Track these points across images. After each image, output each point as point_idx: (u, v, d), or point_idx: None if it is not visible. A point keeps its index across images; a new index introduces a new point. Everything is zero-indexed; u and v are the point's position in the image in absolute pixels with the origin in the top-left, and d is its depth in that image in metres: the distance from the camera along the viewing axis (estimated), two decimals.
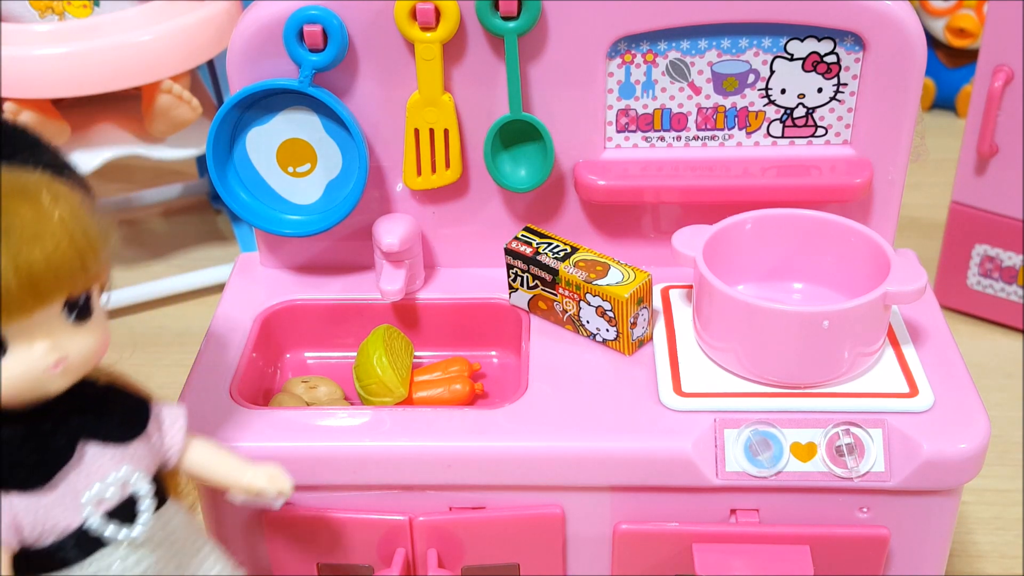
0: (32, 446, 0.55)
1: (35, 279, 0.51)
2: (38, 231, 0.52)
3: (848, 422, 0.70)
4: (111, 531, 0.57)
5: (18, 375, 0.54)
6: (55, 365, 0.54)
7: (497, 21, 0.76)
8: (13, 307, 0.51)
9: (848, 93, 0.80)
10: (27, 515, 0.55)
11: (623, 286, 0.75)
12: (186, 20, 1.15)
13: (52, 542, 0.57)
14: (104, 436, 0.58)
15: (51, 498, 0.56)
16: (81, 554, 0.57)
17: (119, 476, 0.58)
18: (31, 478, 0.55)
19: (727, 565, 0.71)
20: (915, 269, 0.72)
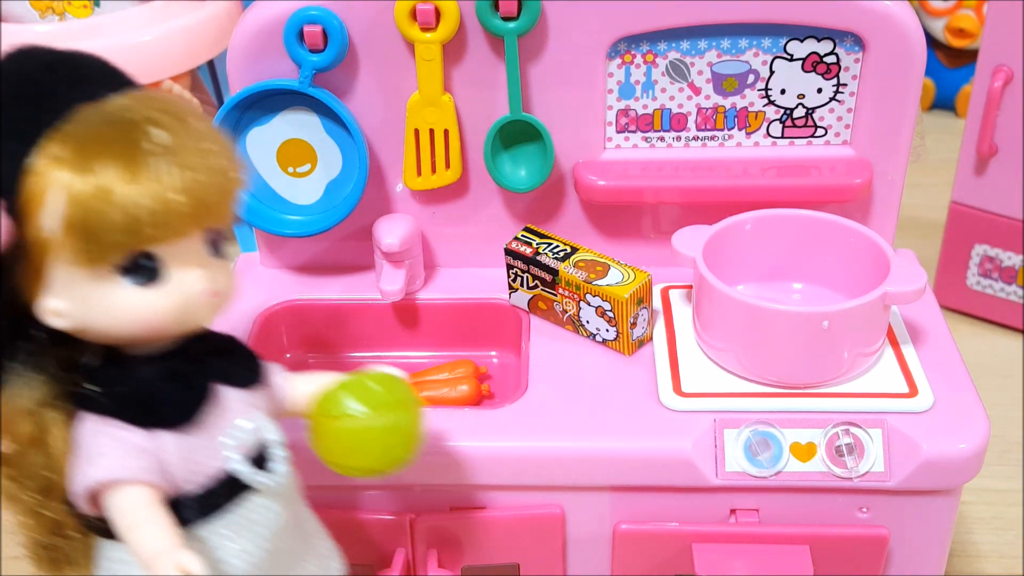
0: (174, 385, 0.55)
1: (199, 198, 0.51)
2: (206, 151, 0.52)
3: (848, 422, 0.70)
4: (254, 476, 0.57)
5: (176, 302, 0.53)
6: (209, 293, 0.54)
7: (497, 21, 0.76)
8: (174, 226, 0.51)
9: (848, 93, 0.80)
10: (176, 455, 0.54)
11: (623, 286, 0.75)
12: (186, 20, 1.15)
13: (200, 488, 0.56)
14: (234, 380, 0.58)
15: (197, 439, 0.55)
16: (227, 500, 0.56)
17: (252, 422, 0.57)
18: (178, 415, 0.55)
19: (727, 565, 0.71)
20: (915, 269, 0.72)
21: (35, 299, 0.53)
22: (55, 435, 0.54)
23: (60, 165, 0.50)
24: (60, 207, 0.50)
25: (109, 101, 0.52)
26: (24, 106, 0.51)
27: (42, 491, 0.55)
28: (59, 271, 0.52)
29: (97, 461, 0.53)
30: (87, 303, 0.52)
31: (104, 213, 0.49)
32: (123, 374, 0.55)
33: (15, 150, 0.50)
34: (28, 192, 0.50)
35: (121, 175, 0.49)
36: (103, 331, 0.53)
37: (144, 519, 0.53)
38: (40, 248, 0.51)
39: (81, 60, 0.54)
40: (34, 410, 0.54)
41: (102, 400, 0.54)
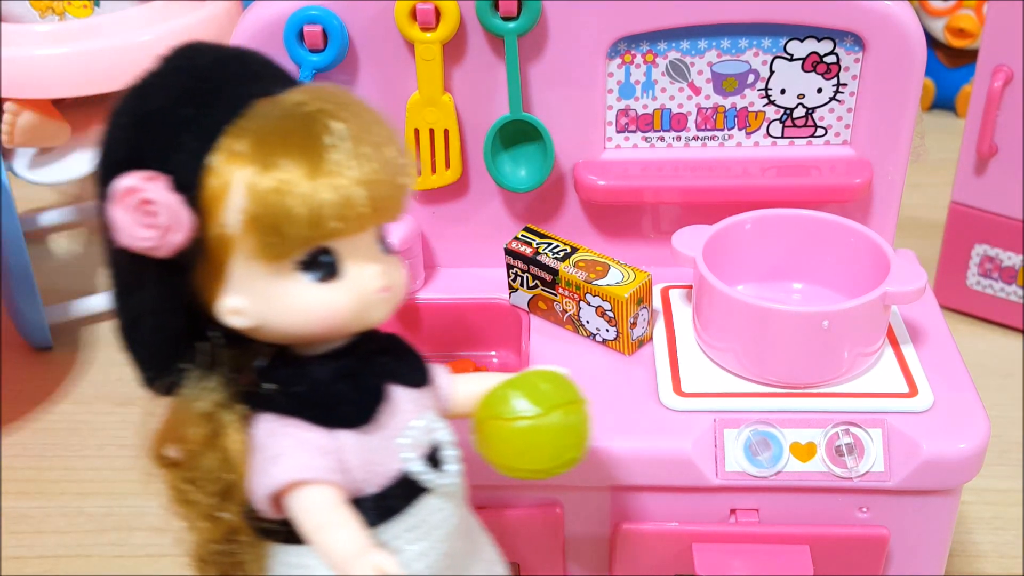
0: (350, 384, 0.54)
1: (377, 191, 0.51)
2: (379, 143, 0.51)
3: (848, 422, 0.70)
4: (431, 476, 0.56)
5: (353, 298, 0.53)
6: (384, 289, 0.53)
7: (497, 21, 0.76)
8: (355, 219, 0.50)
9: (848, 93, 0.80)
10: (356, 455, 0.53)
11: (623, 286, 0.75)
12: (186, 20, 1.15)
13: (377, 489, 0.55)
14: (405, 380, 0.57)
15: (374, 439, 0.54)
16: (404, 502, 0.55)
17: (424, 421, 0.56)
18: (358, 415, 0.54)
19: (727, 565, 0.71)
20: (915, 269, 0.72)
21: (214, 298, 0.52)
22: (232, 437, 0.53)
23: (241, 160, 0.49)
24: (243, 202, 0.49)
25: (284, 96, 0.52)
26: (200, 102, 0.51)
27: (219, 494, 0.54)
28: (239, 268, 0.51)
29: (281, 462, 0.52)
30: (267, 300, 0.52)
31: (287, 208, 0.49)
32: (298, 374, 0.54)
33: (194, 146, 0.50)
34: (209, 189, 0.50)
35: (303, 169, 0.49)
36: (281, 329, 0.53)
37: (333, 520, 0.52)
38: (221, 245, 0.51)
39: (247, 56, 0.54)
40: (211, 412, 0.53)
41: (282, 400, 0.53)
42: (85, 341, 1.23)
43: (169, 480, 0.55)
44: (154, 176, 0.49)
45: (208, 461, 0.53)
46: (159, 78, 0.52)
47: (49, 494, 1.02)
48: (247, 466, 0.53)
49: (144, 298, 0.52)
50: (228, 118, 0.50)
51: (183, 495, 0.54)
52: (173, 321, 0.53)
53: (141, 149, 0.50)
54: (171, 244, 0.50)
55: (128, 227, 0.49)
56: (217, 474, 0.53)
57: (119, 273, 0.53)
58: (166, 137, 0.50)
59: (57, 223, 1.44)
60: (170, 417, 0.54)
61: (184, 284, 0.52)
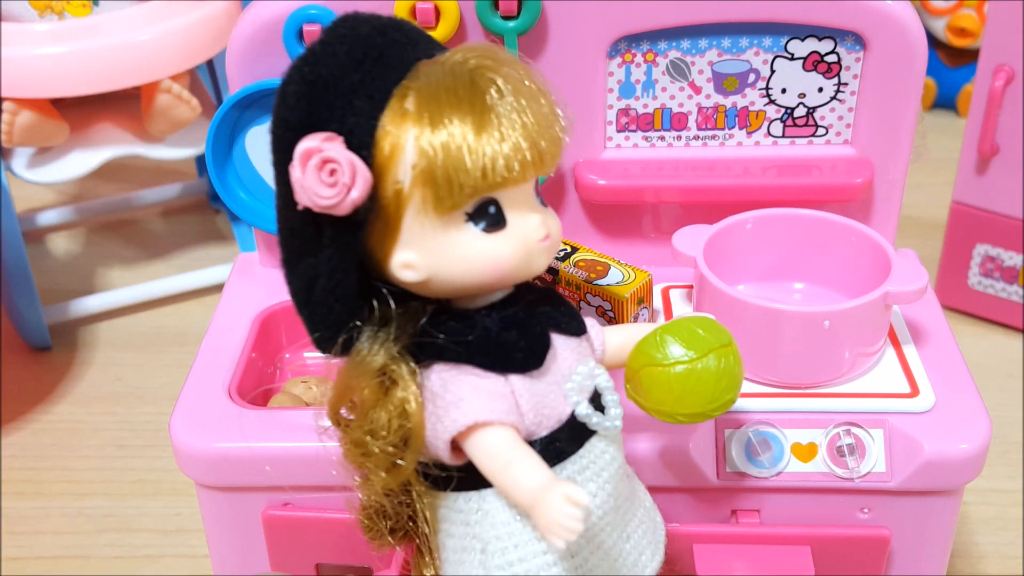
0: (519, 332, 0.56)
1: (539, 144, 0.53)
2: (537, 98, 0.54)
3: (849, 422, 0.70)
4: (598, 419, 0.58)
5: (520, 247, 0.54)
6: (545, 238, 0.55)
7: (497, 21, 0.76)
8: (520, 171, 0.52)
9: (849, 93, 0.80)
10: (528, 399, 0.55)
11: (623, 286, 0.75)
12: (186, 19, 1.15)
13: (547, 432, 0.57)
14: (564, 328, 0.58)
15: (544, 384, 0.56)
16: (573, 444, 0.57)
17: (587, 367, 0.58)
18: (529, 360, 0.56)
19: (728, 566, 0.70)
20: (916, 269, 0.72)
21: (386, 255, 0.54)
22: (407, 388, 0.55)
23: (411, 119, 0.52)
24: (414, 159, 0.52)
25: (443, 56, 0.54)
26: (367, 66, 0.53)
27: (398, 444, 0.56)
28: (411, 223, 0.53)
29: (462, 406, 0.54)
30: (438, 253, 0.54)
31: (458, 161, 0.51)
32: (466, 325, 0.56)
33: (365, 108, 0.52)
34: (381, 147, 0.52)
35: (470, 123, 0.51)
36: (451, 280, 0.55)
37: (518, 456, 0.54)
38: (394, 201, 0.53)
39: (403, 24, 0.56)
40: (384, 367, 0.55)
41: (456, 349, 0.55)
42: (84, 341, 1.23)
43: (347, 436, 0.58)
44: (332, 136, 0.52)
45: (384, 413, 0.55)
46: (325, 46, 0.54)
47: (48, 495, 1.02)
48: (423, 415, 0.55)
49: (320, 259, 0.54)
50: (395, 80, 0.53)
51: (363, 448, 0.56)
52: (348, 280, 0.54)
53: (315, 113, 0.53)
54: (352, 201, 0.51)
55: (311, 186, 0.51)
56: (396, 423, 0.55)
57: (295, 237, 0.55)
58: (338, 101, 0.53)
59: (56, 223, 1.44)
60: (345, 375, 0.57)
61: (357, 243, 0.54)
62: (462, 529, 0.58)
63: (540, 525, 0.52)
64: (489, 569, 0.56)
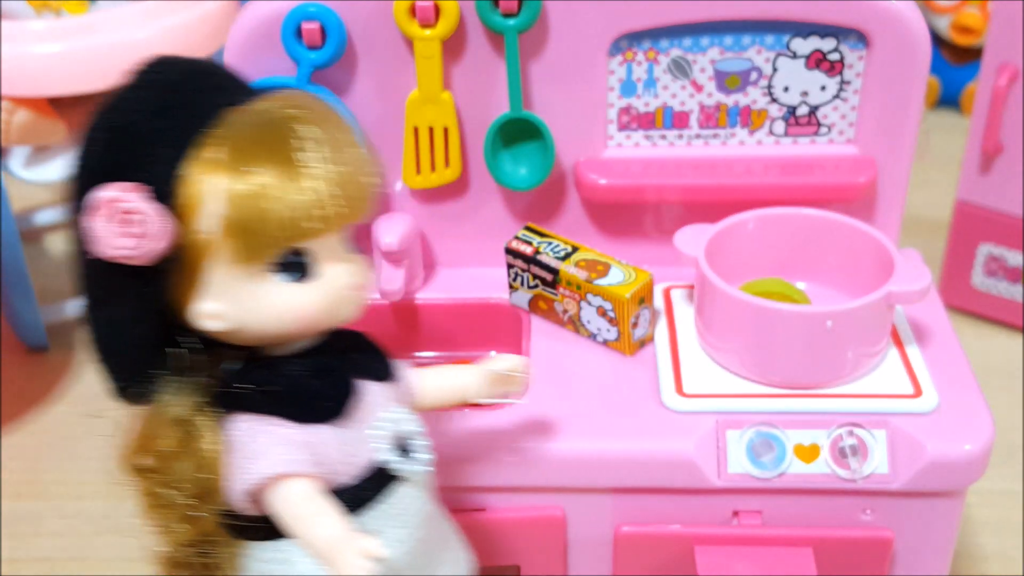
0: (325, 380, 0.57)
1: (349, 193, 0.53)
2: (346, 147, 0.54)
3: (851, 423, 0.70)
4: (404, 465, 0.58)
5: (327, 296, 0.55)
6: (355, 287, 0.56)
7: (497, 18, 0.76)
8: (328, 221, 0.53)
9: (852, 91, 0.80)
10: (333, 448, 0.56)
11: (624, 286, 0.74)
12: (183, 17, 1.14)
13: (353, 480, 0.57)
14: (373, 374, 0.59)
15: (349, 432, 0.57)
16: (379, 491, 0.58)
17: (393, 413, 0.59)
18: (332, 409, 0.56)
19: (729, 567, 0.70)
20: (919, 269, 0.72)
21: (189, 304, 0.54)
22: (208, 440, 0.55)
23: (216, 168, 0.52)
24: (220, 208, 0.51)
25: (253, 104, 0.54)
26: (172, 114, 0.53)
27: (197, 495, 0.55)
28: (216, 273, 0.53)
29: (261, 458, 0.54)
30: (244, 302, 0.54)
31: (264, 211, 0.51)
32: (272, 374, 0.56)
33: (169, 157, 0.52)
34: (185, 197, 0.52)
35: (277, 173, 0.51)
36: (257, 330, 0.55)
37: (316, 510, 0.55)
38: (198, 251, 0.53)
39: (212, 69, 0.56)
40: (186, 417, 0.55)
41: (258, 399, 0.55)
42: (81, 341, 1.22)
43: (143, 486, 0.57)
44: (133, 187, 0.51)
45: (184, 464, 0.55)
46: (132, 92, 0.54)
47: (46, 496, 1.02)
48: (224, 466, 0.55)
49: (120, 308, 0.54)
50: (200, 128, 0.52)
51: (158, 499, 0.56)
52: (149, 329, 0.54)
53: (118, 161, 0.52)
54: (151, 252, 0.51)
55: (109, 237, 0.51)
56: (194, 475, 0.55)
57: (93, 284, 0.54)
58: (142, 149, 0.52)
59: (53, 222, 1.43)
60: (144, 425, 0.56)
61: (159, 292, 0.53)
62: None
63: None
64: None
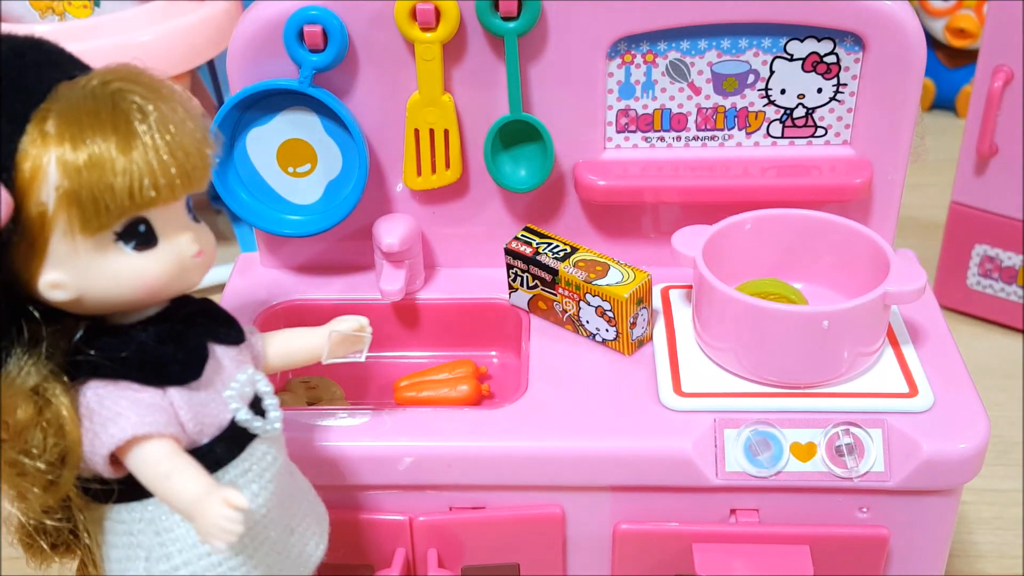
0: (175, 345, 0.57)
1: (186, 162, 0.54)
2: (182, 117, 0.54)
3: (848, 422, 0.70)
4: (259, 423, 0.59)
5: (171, 263, 0.56)
6: (198, 254, 0.57)
7: (497, 21, 0.76)
8: (167, 189, 0.53)
9: (848, 93, 0.80)
10: (187, 410, 0.57)
11: (623, 286, 0.75)
12: (186, 20, 1.15)
13: (209, 439, 0.58)
14: (223, 339, 0.60)
15: (203, 394, 0.58)
16: (235, 448, 0.59)
17: (247, 374, 0.60)
18: (185, 372, 0.57)
19: (727, 565, 0.71)
20: (915, 269, 0.72)
21: (33, 275, 0.54)
22: (61, 406, 0.55)
23: (53, 140, 0.52)
24: (58, 180, 0.52)
25: (85, 77, 0.54)
26: (3, 88, 0.53)
27: (54, 462, 0.56)
28: (58, 244, 0.53)
29: (120, 421, 0.55)
30: (88, 272, 0.54)
31: (102, 182, 0.52)
32: (121, 341, 0.57)
33: (5, 131, 0.52)
34: (23, 170, 0.52)
35: (114, 144, 0.52)
36: (102, 298, 0.55)
37: (178, 467, 0.55)
38: (39, 223, 0.53)
39: (42, 44, 0.56)
40: (37, 387, 0.55)
41: (111, 365, 0.56)
42: None
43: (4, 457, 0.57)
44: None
45: (40, 432, 0.55)
46: None
47: None
48: (79, 432, 0.56)
49: None
50: (34, 102, 0.53)
51: (18, 467, 0.56)
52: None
53: None
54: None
55: None
56: (51, 442, 0.55)
57: None
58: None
59: None
60: None
61: (1, 264, 0.53)
62: (125, 539, 0.59)
63: (200, 530, 0.54)
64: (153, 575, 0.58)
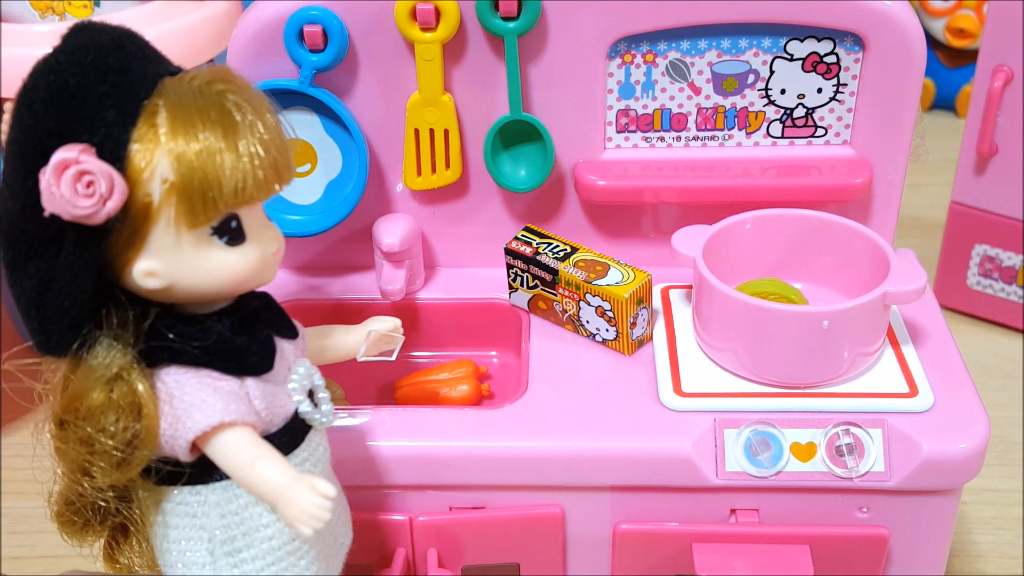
0: (248, 337, 0.59)
1: (280, 161, 0.56)
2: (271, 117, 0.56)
3: (848, 422, 0.70)
4: (316, 415, 0.61)
5: (257, 260, 0.58)
6: (277, 252, 0.59)
7: (497, 21, 0.76)
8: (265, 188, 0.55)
9: (848, 93, 0.80)
10: (261, 400, 0.58)
11: (623, 286, 0.75)
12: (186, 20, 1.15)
13: (277, 429, 0.59)
14: (284, 332, 0.61)
15: (272, 385, 0.59)
16: (296, 440, 0.61)
17: (305, 367, 0.61)
18: (261, 364, 0.59)
19: (727, 565, 0.71)
20: (915, 269, 0.72)
21: (128, 263, 0.55)
22: (140, 390, 0.56)
23: (165, 135, 0.53)
24: (168, 173, 0.53)
25: (187, 75, 0.56)
26: (112, 78, 0.53)
27: (129, 443, 0.57)
28: (161, 235, 0.54)
29: (203, 408, 0.56)
30: (183, 264, 0.55)
31: (211, 176, 0.53)
32: (197, 329, 0.58)
33: (117, 120, 0.53)
34: (134, 161, 0.53)
35: (223, 141, 0.53)
36: (190, 289, 0.57)
37: (263, 454, 0.57)
38: (144, 214, 0.54)
39: (135, 35, 0.57)
40: (121, 371, 0.56)
41: (193, 352, 0.57)
42: None
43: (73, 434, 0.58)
44: (87, 148, 0.52)
45: (114, 414, 0.56)
46: (69, 55, 0.54)
47: None
48: (158, 417, 0.56)
49: (56, 264, 0.54)
50: (142, 94, 0.54)
51: (90, 445, 0.57)
52: (86, 285, 0.55)
53: (66, 123, 0.53)
54: (106, 213, 0.52)
55: (66, 197, 0.51)
56: (127, 423, 0.56)
57: (25, 240, 0.54)
58: (87, 111, 0.53)
59: None
60: (80, 380, 0.57)
61: (101, 250, 0.54)
62: (188, 520, 0.60)
63: (288, 516, 0.55)
64: (216, 557, 0.59)
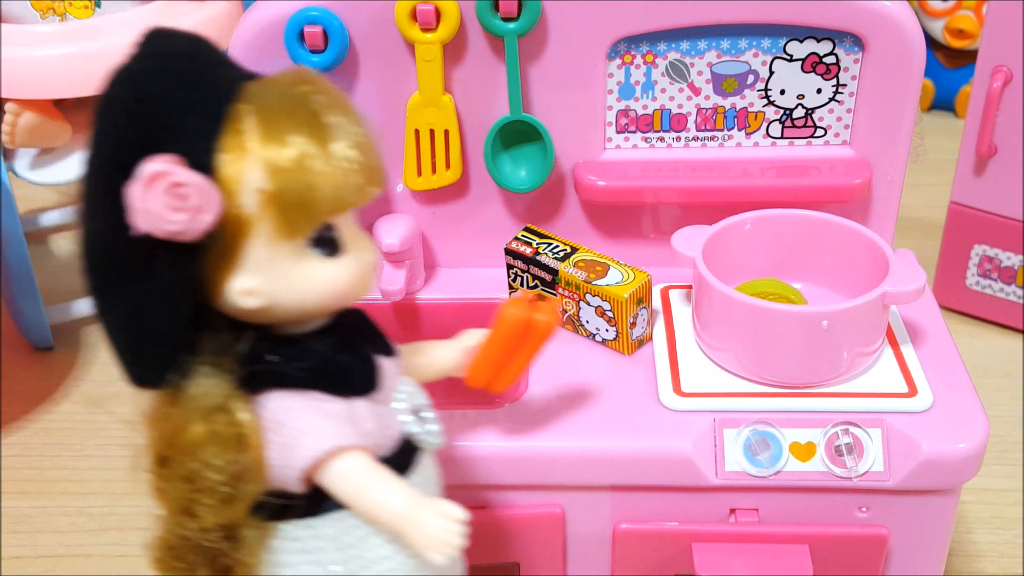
0: (351, 355, 0.55)
1: (373, 165, 0.52)
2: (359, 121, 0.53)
3: (847, 422, 0.70)
4: (425, 434, 0.58)
5: (356, 271, 0.54)
6: (375, 263, 0.55)
7: (497, 22, 0.76)
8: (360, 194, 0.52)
9: (847, 94, 0.80)
10: (372, 421, 0.55)
11: (622, 286, 0.75)
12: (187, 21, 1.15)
13: (389, 451, 0.56)
14: (382, 350, 0.58)
15: (380, 405, 0.56)
16: (406, 464, 0.57)
17: (408, 385, 0.58)
18: (366, 383, 0.55)
19: (727, 564, 0.71)
20: (914, 269, 0.72)
21: (220, 282, 0.51)
22: (243, 420, 0.52)
23: (254, 142, 0.49)
24: (261, 182, 0.49)
25: (269, 78, 0.52)
26: (192, 84, 0.50)
27: (235, 477, 0.53)
28: (257, 249, 0.51)
29: (315, 434, 0.52)
30: (283, 279, 0.52)
31: (306, 183, 0.50)
32: (298, 350, 0.54)
33: (202, 129, 0.49)
34: (223, 171, 0.49)
35: (314, 147, 0.50)
36: (291, 305, 0.53)
37: (382, 478, 0.53)
38: (236, 227, 0.50)
39: (205, 41, 0.54)
40: (220, 399, 0.53)
41: (296, 375, 0.53)
42: (86, 341, 1.23)
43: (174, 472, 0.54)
44: (178, 159, 0.49)
45: (218, 447, 0.52)
46: (146, 63, 0.51)
47: (50, 494, 1.02)
48: (262, 447, 0.53)
49: (149, 287, 0.50)
50: (225, 100, 0.50)
51: (193, 483, 0.53)
52: (184, 309, 0.51)
53: (149, 133, 0.49)
54: (200, 226, 0.48)
55: (158, 211, 0.48)
56: (232, 456, 0.52)
57: (114, 263, 0.51)
58: (172, 120, 0.49)
59: (58, 223, 1.44)
60: (176, 411, 0.53)
61: (195, 269, 0.50)
62: (301, 557, 0.56)
63: (417, 542, 0.52)
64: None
